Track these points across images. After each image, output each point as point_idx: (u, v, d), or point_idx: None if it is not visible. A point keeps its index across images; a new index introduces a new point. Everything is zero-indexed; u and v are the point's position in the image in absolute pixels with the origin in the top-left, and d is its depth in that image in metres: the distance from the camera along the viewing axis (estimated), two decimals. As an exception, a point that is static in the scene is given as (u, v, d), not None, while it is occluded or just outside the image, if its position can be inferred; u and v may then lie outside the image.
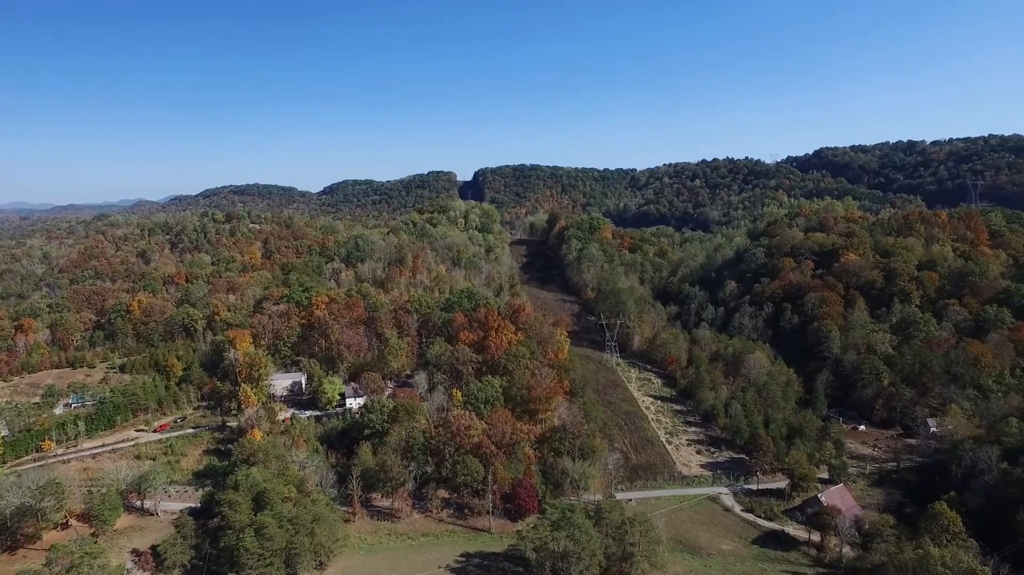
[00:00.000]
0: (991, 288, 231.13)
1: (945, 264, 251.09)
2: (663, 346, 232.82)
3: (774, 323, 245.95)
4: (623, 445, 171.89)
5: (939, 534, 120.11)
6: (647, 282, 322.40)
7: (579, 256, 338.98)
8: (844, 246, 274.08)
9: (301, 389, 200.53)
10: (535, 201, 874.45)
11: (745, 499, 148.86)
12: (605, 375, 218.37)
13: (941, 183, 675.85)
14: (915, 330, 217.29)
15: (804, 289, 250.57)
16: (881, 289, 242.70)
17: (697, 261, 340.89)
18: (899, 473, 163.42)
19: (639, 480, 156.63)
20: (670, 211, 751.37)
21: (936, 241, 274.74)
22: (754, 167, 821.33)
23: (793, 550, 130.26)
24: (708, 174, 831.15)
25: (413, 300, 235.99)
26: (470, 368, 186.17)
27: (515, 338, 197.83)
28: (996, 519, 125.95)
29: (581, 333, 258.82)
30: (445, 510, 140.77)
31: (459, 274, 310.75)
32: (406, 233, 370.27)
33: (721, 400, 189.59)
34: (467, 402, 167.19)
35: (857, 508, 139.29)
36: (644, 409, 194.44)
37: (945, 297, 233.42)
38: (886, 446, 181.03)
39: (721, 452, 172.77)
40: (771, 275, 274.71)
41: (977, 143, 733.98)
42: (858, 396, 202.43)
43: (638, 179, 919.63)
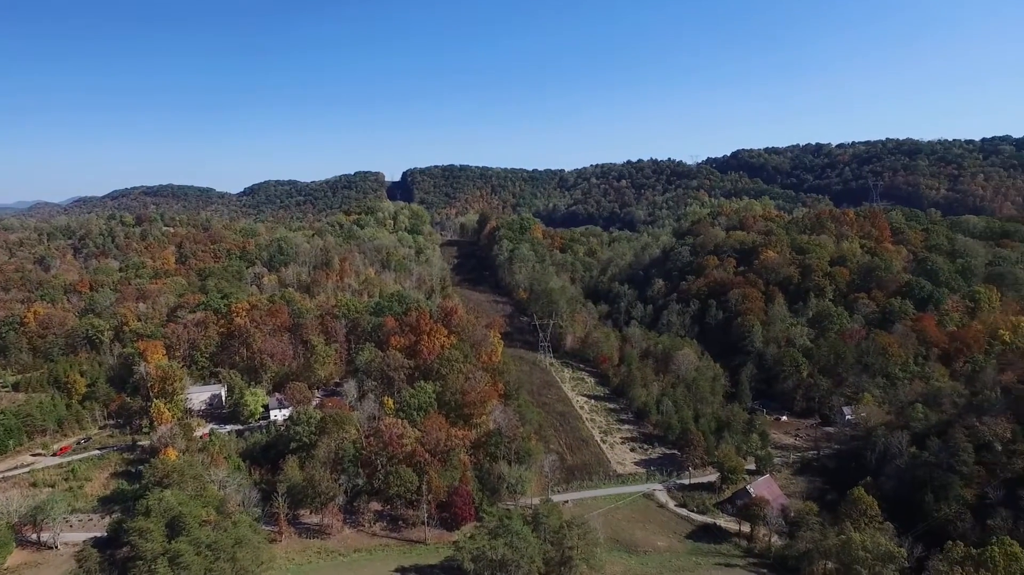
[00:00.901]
0: (895, 282, 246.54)
1: (854, 260, 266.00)
2: (595, 345, 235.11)
3: (700, 319, 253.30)
4: (559, 446, 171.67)
5: (858, 518, 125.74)
6: (578, 281, 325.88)
7: (511, 256, 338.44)
8: (763, 244, 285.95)
9: (221, 402, 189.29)
10: (465, 201, 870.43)
11: (678, 494, 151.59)
12: (539, 376, 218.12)
13: (846, 183, 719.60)
14: (829, 323, 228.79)
15: (727, 286, 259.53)
16: (798, 284, 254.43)
17: (626, 260, 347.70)
18: (819, 461, 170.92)
19: (575, 481, 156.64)
20: (598, 211, 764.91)
21: (845, 238, 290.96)
22: (677, 168, 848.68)
23: (725, 542, 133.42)
24: (633, 175, 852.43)
25: (341, 305, 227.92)
26: (402, 374, 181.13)
27: (448, 342, 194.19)
28: (908, 501, 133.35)
29: (514, 334, 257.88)
30: (378, 523, 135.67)
31: (389, 277, 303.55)
32: (332, 235, 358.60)
33: (653, 397, 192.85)
34: (399, 409, 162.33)
35: (783, 497, 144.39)
36: (578, 409, 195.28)
37: (855, 291, 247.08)
38: (806, 435, 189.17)
39: (654, 449, 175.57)
40: (696, 273, 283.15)
41: (876, 146, 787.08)
42: (780, 388, 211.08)
43: (566, 179, 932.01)
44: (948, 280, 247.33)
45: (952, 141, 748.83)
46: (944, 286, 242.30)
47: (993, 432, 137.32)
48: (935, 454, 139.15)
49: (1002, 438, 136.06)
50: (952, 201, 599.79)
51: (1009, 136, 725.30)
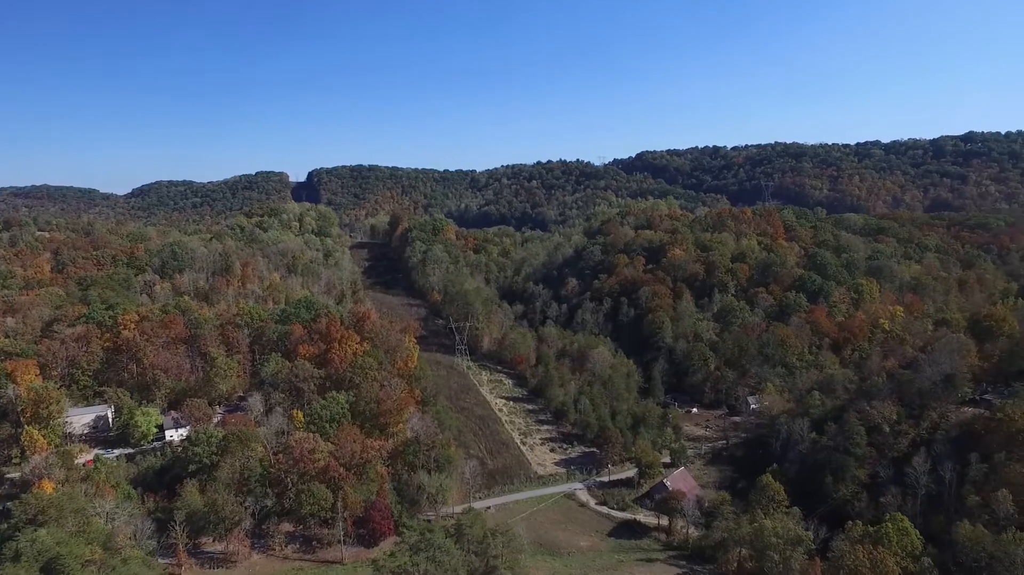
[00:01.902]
0: (790, 276, 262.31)
1: (753, 256, 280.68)
2: (512, 346, 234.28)
3: (613, 317, 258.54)
4: (479, 451, 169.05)
5: (767, 504, 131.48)
6: (492, 282, 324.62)
7: (424, 258, 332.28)
8: (670, 242, 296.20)
9: (108, 424, 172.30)
10: (375, 202, 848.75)
11: (599, 492, 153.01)
12: (457, 380, 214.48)
13: (741, 184, 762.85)
14: (733, 317, 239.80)
15: (638, 284, 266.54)
16: (703, 281, 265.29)
17: (539, 260, 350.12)
18: (728, 450, 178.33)
19: (497, 485, 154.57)
20: (510, 211, 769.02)
21: (744, 236, 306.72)
22: (585, 169, 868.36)
23: (646, 537, 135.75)
24: (544, 175, 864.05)
25: (243, 313, 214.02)
26: (312, 385, 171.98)
27: (360, 348, 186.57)
28: (810, 484, 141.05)
29: (430, 337, 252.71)
30: (290, 546, 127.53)
31: (295, 282, 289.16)
32: (232, 239, 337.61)
33: (570, 396, 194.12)
34: (310, 423, 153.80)
35: (698, 489, 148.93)
36: (497, 411, 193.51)
37: (755, 286, 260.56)
38: (716, 426, 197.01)
39: (573, 448, 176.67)
40: (608, 271, 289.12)
41: (767, 149, 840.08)
42: (690, 381, 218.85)
43: (478, 180, 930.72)
44: (835, 274, 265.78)
45: (831, 145, 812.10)
46: (832, 279, 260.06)
47: (881, 415, 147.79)
48: (832, 438, 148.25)
49: (889, 420, 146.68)
50: (833, 200, 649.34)
51: (879, 141, 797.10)
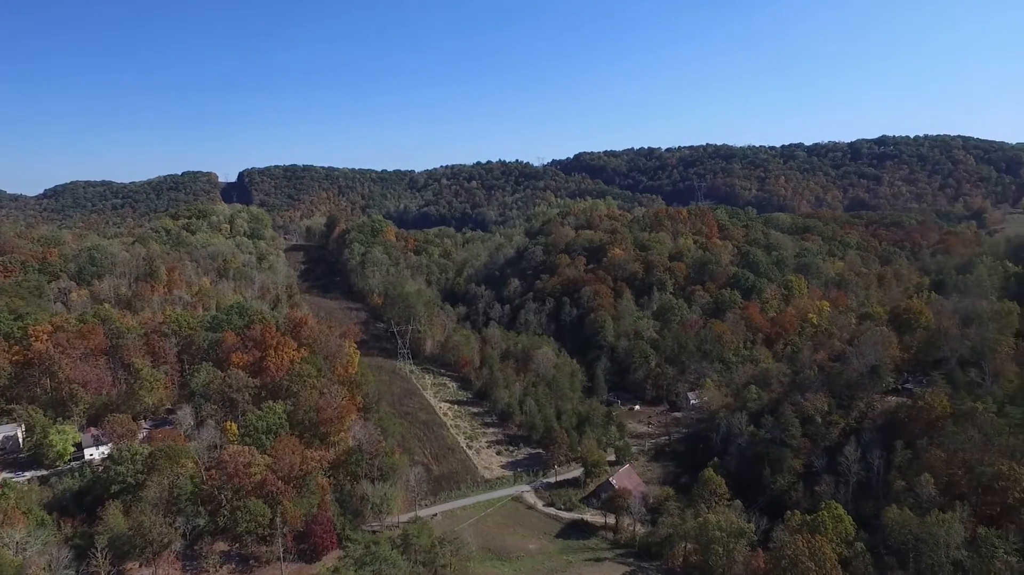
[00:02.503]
0: (724, 274, 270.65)
1: (689, 255, 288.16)
2: (456, 348, 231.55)
3: (556, 317, 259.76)
4: (424, 457, 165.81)
5: (709, 498, 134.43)
6: (434, 284, 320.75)
7: (363, 260, 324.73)
8: (610, 242, 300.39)
9: (17, 445, 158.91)
10: (310, 203, 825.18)
11: (546, 494, 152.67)
12: (399, 384, 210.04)
13: (675, 184, 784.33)
14: (672, 315, 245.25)
15: (579, 283, 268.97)
16: (643, 280, 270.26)
17: (481, 260, 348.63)
18: (671, 446, 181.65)
19: (443, 491, 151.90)
20: (450, 212, 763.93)
21: (681, 235, 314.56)
22: (524, 169, 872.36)
23: (593, 536, 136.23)
24: (483, 176, 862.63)
25: (170, 321, 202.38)
26: (246, 395, 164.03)
27: (298, 355, 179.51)
28: (750, 476, 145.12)
29: (371, 342, 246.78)
30: (225, 566, 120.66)
31: (227, 287, 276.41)
32: (158, 242, 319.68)
33: (515, 397, 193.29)
34: (245, 435, 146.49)
35: (643, 485, 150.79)
36: (442, 415, 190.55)
37: (691, 284, 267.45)
38: (658, 422, 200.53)
39: (520, 450, 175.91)
40: (550, 272, 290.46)
41: (699, 150, 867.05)
42: (632, 379, 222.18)
43: (417, 180, 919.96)
44: (767, 271, 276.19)
45: (759, 147, 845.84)
46: (764, 277, 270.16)
47: (814, 407, 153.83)
48: (769, 431, 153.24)
49: (821, 411, 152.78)
50: (762, 200, 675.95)
51: (802, 144, 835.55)
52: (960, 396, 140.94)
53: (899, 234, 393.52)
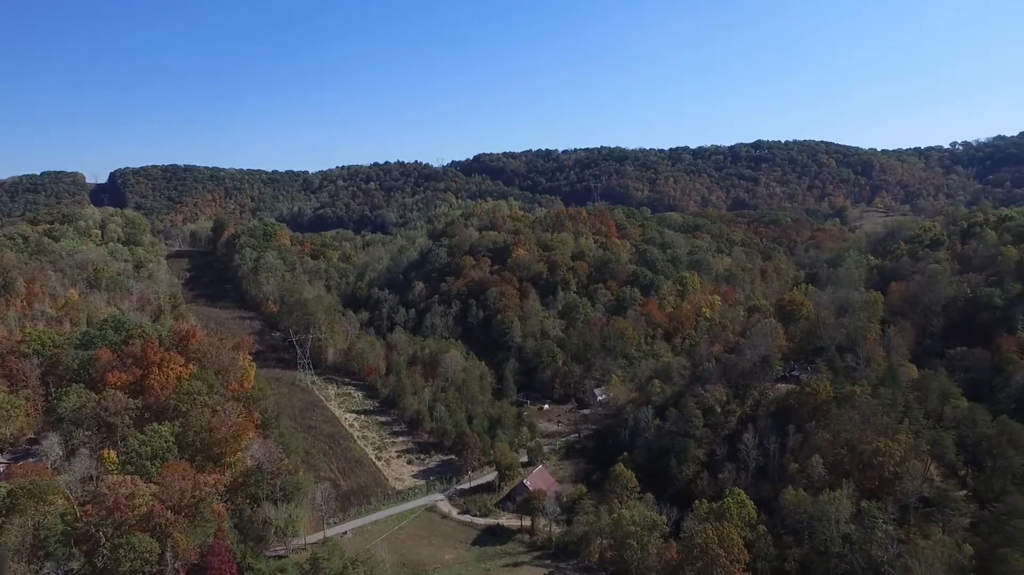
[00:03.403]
0: (624, 272, 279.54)
1: (591, 254, 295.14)
2: (360, 356, 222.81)
3: (463, 319, 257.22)
4: (331, 472, 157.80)
5: (621, 493, 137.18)
6: (334, 289, 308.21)
7: (255, 266, 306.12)
8: (514, 243, 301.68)
9: None
10: (194, 206, 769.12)
11: (460, 501, 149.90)
12: (301, 397, 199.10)
13: (572, 185, 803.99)
14: (576, 313, 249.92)
15: (485, 285, 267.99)
16: (547, 279, 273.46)
17: (383, 264, 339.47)
18: (581, 443, 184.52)
19: (352, 507, 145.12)
20: (347, 214, 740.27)
21: (582, 235, 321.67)
22: (424, 170, 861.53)
23: (510, 540, 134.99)
24: (382, 177, 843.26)
25: (30, 339, 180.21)
26: (127, 418, 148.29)
27: (186, 371, 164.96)
28: (658, 468, 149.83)
29: (267, 353, 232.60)
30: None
31: (99, 299, 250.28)
32: (14, 250, 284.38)
33: (425, 404, 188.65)
34: (127, 463, 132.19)
35: (556, 485, 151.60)
36: (348, 427, 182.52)
37: (594, 282, 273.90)
38: (567, 420, 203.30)
39: (431, 457, 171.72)
40: (455, 274, 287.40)
41: (593, 153, 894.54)
42: (540, 378, 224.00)
43: (311, 182, 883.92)
44: (663, 268, 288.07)
45: (649, 150, 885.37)
46: (661, 274, 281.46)
47: (713, 397, 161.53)
48: (674, 423, 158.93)
49: (720, 402, 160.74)
50: (653, 200, 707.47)
51: (688, 147, 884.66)
52: (840, 381, 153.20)
53: (777, 231, 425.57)
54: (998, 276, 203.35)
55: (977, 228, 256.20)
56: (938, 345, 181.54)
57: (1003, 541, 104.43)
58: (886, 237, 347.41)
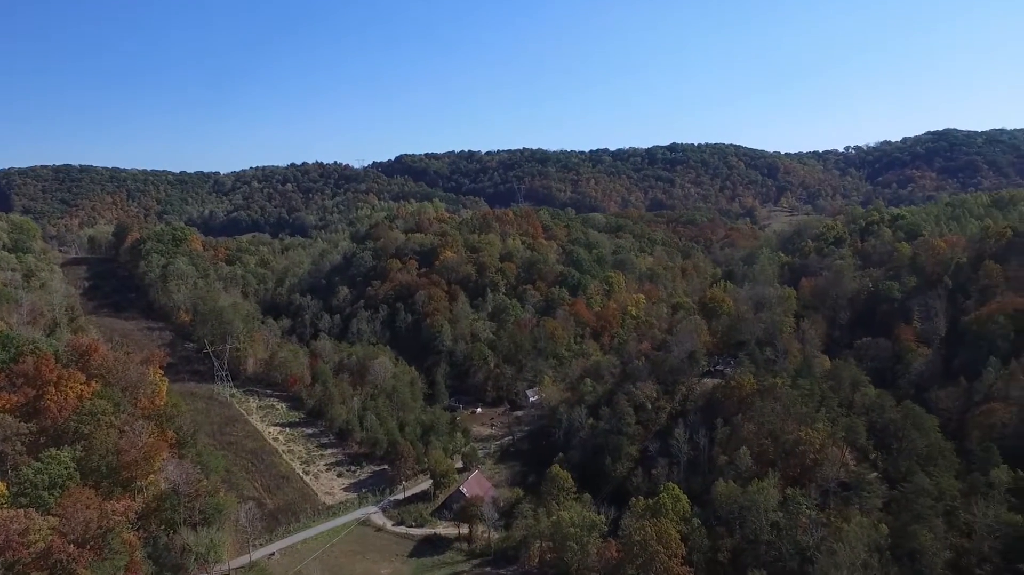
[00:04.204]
0: (552, 273, 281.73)
1: (519, 255, 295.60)
2: (282, 365, 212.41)
3: (391, 324, 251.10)
4: (255, 490, 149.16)
5: (558, 494, 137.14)
6: (252, 296, 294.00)
7: (164, 273, 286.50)
8: (441, 245, 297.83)
9: None
10: (92, 210, 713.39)
11: (395, 512, 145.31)
12: (219, 411, 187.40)
13: (496, 187, 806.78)
14: (506, 315, 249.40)
15: (413, 288, 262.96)
16: (476, 282, 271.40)
17: (304, 268, 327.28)
18: (515, 445, 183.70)
19: (280, 526, 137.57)
20: (263, 217, 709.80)
21: (509, 236, 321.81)
22: (344, 172, 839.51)
23: (448, 550, 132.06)
24: (299, 178, 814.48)
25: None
26: (19, 444, 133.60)
27: (88, 389, 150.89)
28: (593, 467, 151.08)
29: (180, 366, 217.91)
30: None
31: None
32: None
33: (354, 413, 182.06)
34: (20, 494, 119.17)
35: (493, 490, 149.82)
36: (272, 441, 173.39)
37: (523, 284, 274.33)
38: (500, 423, 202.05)
39: (363, 469, 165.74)
40: (381, 277, 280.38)
41: (516, 154, 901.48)
42: (472, 381, 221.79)
43: (223, 183, 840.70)
44: (589, 268, 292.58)
45: (571, 152, 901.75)
46: (587, 274, 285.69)
47: (644, 394, 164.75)
48: (607, 421, 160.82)
49: (651, 398, 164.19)
50: (576, 201, 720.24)
51: (607, 149, 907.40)
52: (762, 374, 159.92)
53: (694, 231, 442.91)
54: (895, 270, 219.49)
55: (874, 226, 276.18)
56: (846, 336, 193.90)
57: (912, 519, 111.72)
58: (794, 235, 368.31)
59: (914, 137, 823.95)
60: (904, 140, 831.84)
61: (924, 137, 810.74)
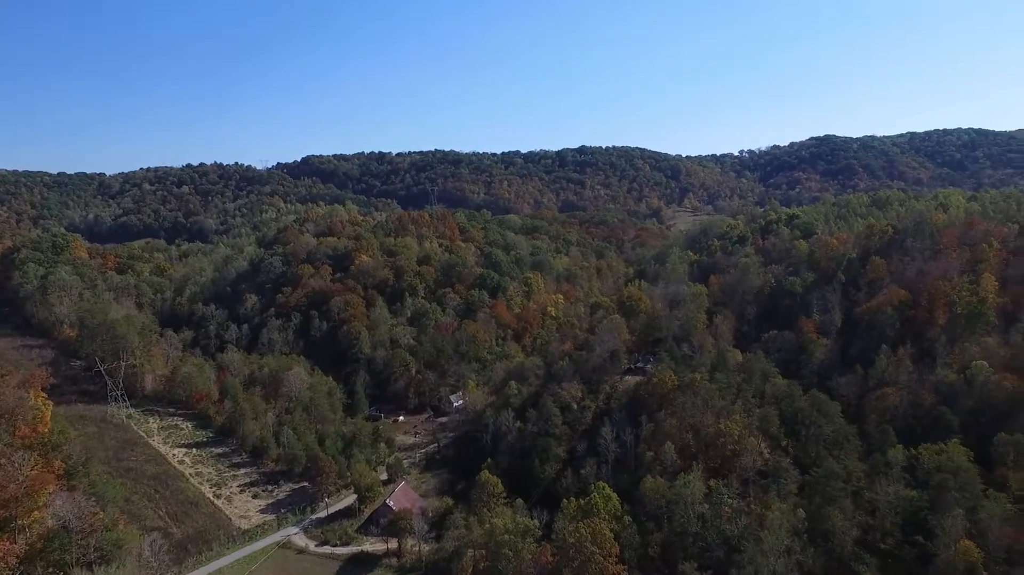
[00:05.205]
0: (471, 275, 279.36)
1: (437, 258, 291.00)
2: (186, 381, 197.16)
3: (304, 333, 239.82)
4: (159, 519, 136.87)
5: (488, 501, 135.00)
6: (148, 307, 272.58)
7: (44, 285, 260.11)
8: (356, 248, 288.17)
9: None
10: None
11: (318, 531, 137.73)
12: (115, 435, 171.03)
13: (409, 188, 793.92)
14: (426, 319, 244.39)
15: (327, 294, 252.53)
16: (393, 286, 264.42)
17: (206, 276, 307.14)
18: (441, 453, 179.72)
19: (190, 557, 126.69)
20: (157, 221, 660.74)
21: (426, 239, 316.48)
22: (246, 173, 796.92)
23: (377, 567, 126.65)
24: (197, 180, 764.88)
25: None
26: None
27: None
28: (523, 471, 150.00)
29: (66, 386, 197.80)
30: None
31: None
32: None
33: (269, 429, 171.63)
34: None
35: (421, 501, 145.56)
36: (178, 465, 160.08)
37: (442, 287, 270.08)
38: (424, 430, 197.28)
39: (280, 488, 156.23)
40: (292, 284, 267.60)
41: (428, 156, 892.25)
42: (392, 389, 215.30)
43: (110, 186, 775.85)
44: (508, 270, 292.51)
45: (483, 153, 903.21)
46: (506, 275, 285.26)
47: (569, 394, 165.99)
48: (534, 423, 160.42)
49: (576, 398, 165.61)
50: (489, 203, 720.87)
51: (519, 151, 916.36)
52: (680, 369, 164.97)
53: (606, 231, 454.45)
54: (794, 267, 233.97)
55: (773, 225, 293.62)
56: (754, 330, 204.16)
57: (825, 501, 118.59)
58: (700, 235, 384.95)
59: (800, 142, 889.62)
60: (791, 145, 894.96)
61: (808, 142, 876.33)
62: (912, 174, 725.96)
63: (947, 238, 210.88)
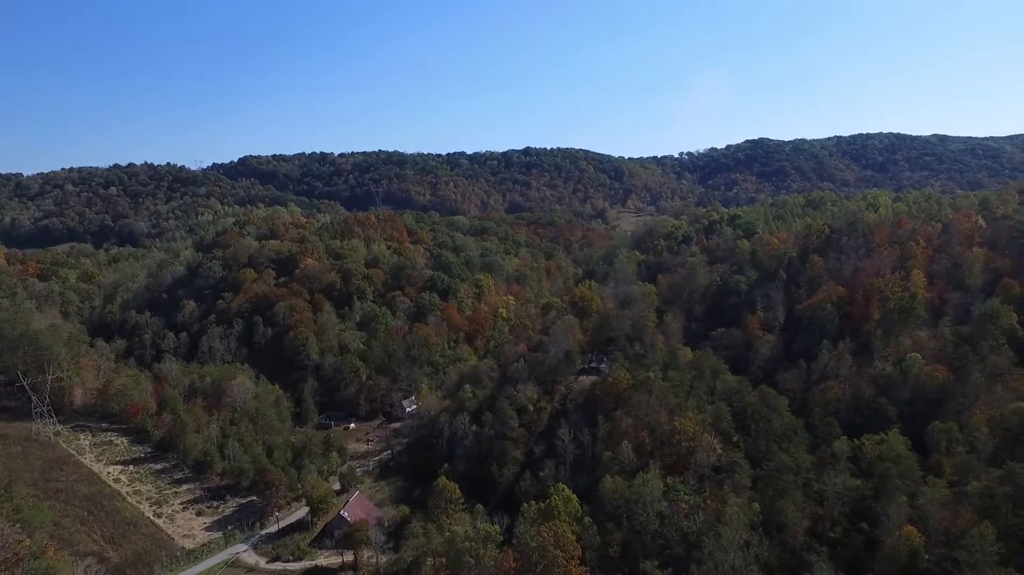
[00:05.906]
0: (421, 278, 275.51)
1: (385, 261, 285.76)
2: (120, 394, 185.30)
3: (248, 340, 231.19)
4: (94, 543, 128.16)
5: (446, 507, 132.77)
6: (75, 316, 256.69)
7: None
8: (300, 252, 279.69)
9: None
10: None
11: (269, 547, 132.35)
12: (41, 454, 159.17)
13: (352, 190, 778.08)
14: (376, 323, 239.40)
15: (272, 299, 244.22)
16: (341, 290, 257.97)
17: (139, 282, 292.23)
18: (395, 459, 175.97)
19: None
20: (82, 225, 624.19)
21: (373, 241, 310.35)
22: (179, 174, 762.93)
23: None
24: (125, 181, 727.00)
25: None
26: None
27: None
28: (481, 475, 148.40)
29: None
30: None
31: None
32: None
33: (213, 441, 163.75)
34: None
35: (377, 510, 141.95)
36: (113, 483, 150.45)
37: (391, 290, 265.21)
38: (377, 437, 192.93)
39: (227, 503, 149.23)
40: (234, 289, 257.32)
41: (372, 156, 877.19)
42: (343, 395, 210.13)
43: (28, 187, 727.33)
44: (458, 272, 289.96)
45: (428, 155, 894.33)
46: (457, 277, 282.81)
47: (525, 396, 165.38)
48: (491, 426, 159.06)
49: (532, 400, 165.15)
50: (436, 204, 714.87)
51: (464, 152, 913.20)
52: (634, 368, 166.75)
53: (554, 232, 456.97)
54: (738, 265, 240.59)
55: (716, 225, 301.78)
56: (702, 328, 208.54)
57: (777, 494, 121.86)
58: (646, 235, 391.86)
59: (736, 144, 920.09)
60: (728, 147, 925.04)
61: (744, 145, 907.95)
62: (840, 175, 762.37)
63: (879, 237, 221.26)
